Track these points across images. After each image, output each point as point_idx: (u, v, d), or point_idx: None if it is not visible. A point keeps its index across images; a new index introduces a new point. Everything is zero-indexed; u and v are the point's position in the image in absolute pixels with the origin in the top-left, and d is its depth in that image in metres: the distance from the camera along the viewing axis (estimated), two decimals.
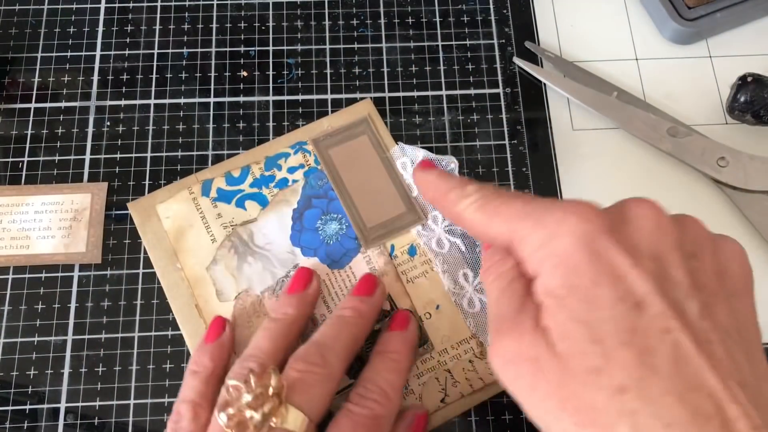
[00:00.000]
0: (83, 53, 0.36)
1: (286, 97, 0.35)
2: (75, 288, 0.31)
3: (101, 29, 0.36)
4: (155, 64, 0.36)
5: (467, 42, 0.37)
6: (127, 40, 0.36)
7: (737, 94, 0.33)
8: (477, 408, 0.30)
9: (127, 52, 0.36)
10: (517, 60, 0.36)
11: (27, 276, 0.32)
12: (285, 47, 0.36)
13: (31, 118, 0.34)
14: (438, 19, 0.37)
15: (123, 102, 0.35)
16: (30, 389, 0.30)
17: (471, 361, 0.30)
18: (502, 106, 0.35)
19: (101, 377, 0.30)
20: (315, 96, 0.35)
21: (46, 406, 0.29)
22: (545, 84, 0.35)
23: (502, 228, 0.22)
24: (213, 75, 0.36)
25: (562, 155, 0.34)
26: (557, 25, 0.37)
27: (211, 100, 0.35)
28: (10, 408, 0.29)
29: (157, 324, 0.31)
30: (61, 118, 0.34)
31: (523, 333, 0.20)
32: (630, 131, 0.34)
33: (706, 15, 0.35)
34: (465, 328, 0.30)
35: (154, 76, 0.35)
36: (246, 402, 0.23)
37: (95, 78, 0.35)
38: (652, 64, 0.36)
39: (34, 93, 0.35)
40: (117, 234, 0.32)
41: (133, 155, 0.34)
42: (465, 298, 0.30)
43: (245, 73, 0.36)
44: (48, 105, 0.35)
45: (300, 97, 0.35)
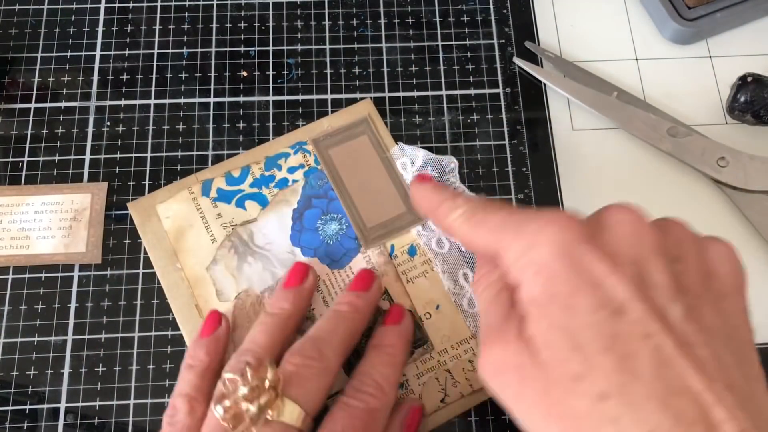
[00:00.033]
0: (83, 53, 0.36)
1: (286, 97, 0.35)
2: (75, 288, 0.31)
3: (101, 29, 0.36)
4: (155, 64, 0.36)
5: (467, 42, 0.37)
6: (127, 40, 0.36)
7: (737, 94, 0.33)
8: (477, 408, 0.30)
9: (127, 52, 0.36)
10: (517, 60, 0.36)
11: (27, 276, 0.32)
12: (285, 47, 0.36)
13: (31, 118, 0.34)
14: (438, 19, 0.37)
15: (123, 102, 0.35)
16: (30, 389, 0.30)
17: (471, 361, 0.30)
18: (502, 106, 0.35)
19: (101, 377, 0.30)
20: (315, 96, 0.35)
21: (46, 406, 0.29)
22: (545, 84, 0.35)
23: (487, 239, 0.23)
24: (213, 75, 0.36)
25: (562, 155, 0.34)
26: (557, 25, 0.37)
27: (211, 100, 0.35)
28: (10, 408, 0.29)
29: (157, 324, 0.31)
30: (61, 118, 0.34)
31: (509, 342, 0.20)
32: (630, 131, 0.34)
33: (706, 15, 0.35)
34: (465, 328, 0.30)
35: (154, 76, 0.35)
36: (242, 394, 0.23)
37: (95, 78, 0.35)
38: (652, 64, 0.36)
39: (34, 93, 0.35)
40: (117, 234, 0.32)
41: (133, 155, 0.34)
42: (465, 298, 0.30)
43: (245, 73, 0.36)
44: (48, 105, 0.35)
45: (300, 97, 0.35)
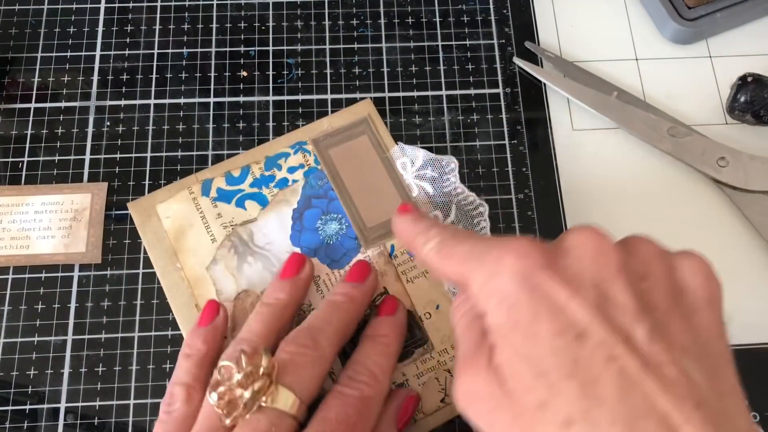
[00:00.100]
0: (83, 53, 0.36)
1: (286, 97, 0.35)
2: (75, 288, 0.31)
3: (101, 29, 0.36)
4: (155, 64, 0.36)
5: (467, 42, 0.37)
6: (127, 40, 0.36)
7: (737, 94, 0.33)
8: None
9: (127, 52, 0.36)
10: (517, 60, 0.36)
11: (27, 276, 0.32)
12: (285, 47, 0.36)
13: (31, 118, 0.34)
14: (438, 19, 0.37)
15: (123, 102, 0.35)
16: (30, 389, 0.30)
17: None
18: (502, 106, 0.35)
19: (101, 377, 0.30)
20: (315, 96, 0.35)
21: (46, 406, 0.29)
22: (545, 84, 0.35)
23: (455, 269, 0.23)
24: (213, 75, 0.36)
25: (562, 155, 0.34)
26: (557, 25, 0.37)
27: (211, 100, 0.35)
28: (10, 408, 0.29)
29: (157, 324, 0.31)
30: (61, 118, 0.34)
31: (479, 371, 0.20)
32: (630, 131, 0.34)
33: (706, 15, 0.35)
34: None
35: (154, 76, 0.35)
36: (236, 381, 0.23)
37: (95, 78, 0.35)
38: (652, 64, 0.36)
39: (34, 93, 0.35)
40: (117, 234, 0.32)
41: (133, 155, 0.34)
42: None
43: (245, 73, 0.36)
44: (48, 105, 0.35)
45: (300, 97, 0.35)
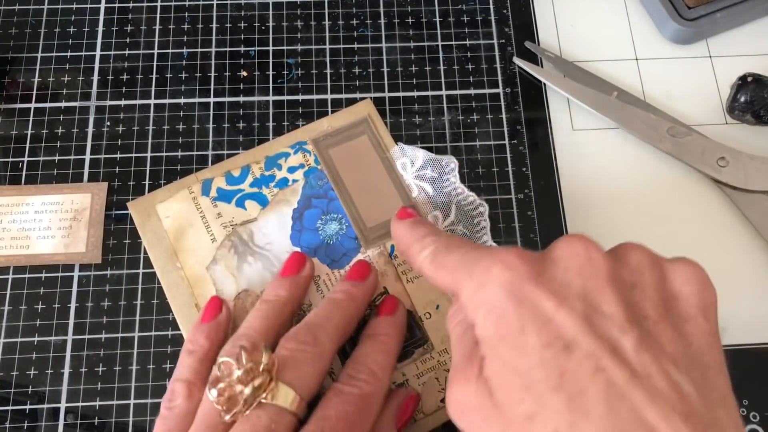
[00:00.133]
0: (83, 53, 0.36)
1: (286, 97, 0.35)
2: (75, 288, 0.31)
3: (101, 29, 0.36)
4: (155, 64, 0.36)
5: (467, 42, 0.37)
6: (127, 40, 0.36)
7: (737, 94, 0.33)
8: None
9: (127, 52, 0.36)
10: (517, 60, 0.36)
11: (27, 276, 0.32)
12: (285, 47, 0.36)
13: (31, 118, 0.34)
14: (438, 19, 0.37)
15: (123, 102, 0.35)
16: (30, 389, 0.30)
17: None
18: (502, 106, 0.35)
19: (101, 377, 0.30)
20: (315, 96, 0.35)
21: (46, 406, 0.29)
22: (545, 84, 0.35)
23: (446, 279, 0.23)
24: (213, 75, 0.36)
25: (562, 155, 0.34)
26: (557, 25, 0.37)
27: (211, 100, 0.35)
28: (10, 408, 0.29)
29: (157, 324, 0.31)
30: (61, 118, 0.34)
31: (469, 382, 0.20)
32: (630, 131, 0.34)
33: (706, 15, 0.35)
34: None
35: (154, 76, 0.35)
36: (236, 377, 0.23)
37: (95, 78, 0.35)
38: (652, 64, 0.36)
39: (34, 93, 0.35)
40: (117, 234, 0.32)
41: (133, 155, 0.34)
42: None
43: (245, 73, 0.36)
44: (48, 105, 0.35)
45: (300, 97, 0.35)
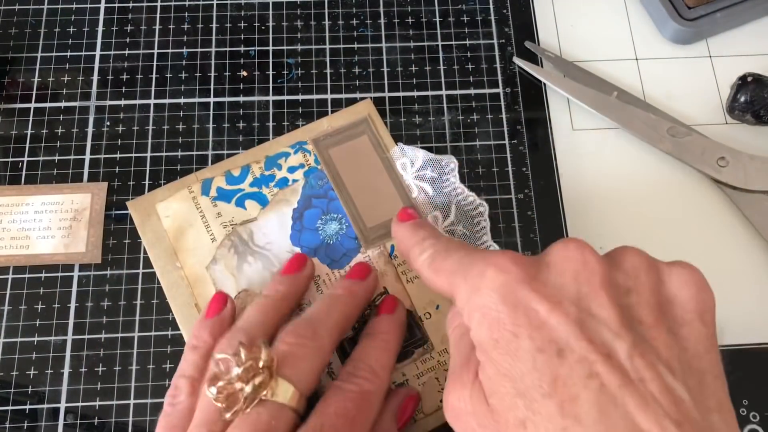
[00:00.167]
0: (83, 53, 0.36)
1: (286, 97, 0.35)
2: (75, 288, 0.31)
3: (101, 29, 0.36)
4: (155, 64, 0.36)
5: (467, 42, 0.37)
6: (127, 40, 0.36)
7: (737, 94, 0.33)
8: None
9: (127, 52, 0.36)
10: (517, 60, 0.36)
11: (27, 276, 0.32)
12: (285, 47, 0.36)
13: (31, 118, 0.34)
14: (438, 19, 0.37)
15: (123, 102, 0.35)
16: (30, 389, 0.30)
17: None
18: (502, 106, 0.35)
19: (101, 377, 0.30)
20: (315, 96, 0.35)
21: (46, 406, 0.29)
22: (545, 84, 0.35)
23: (444, 283, 0.23)
24: (213, 75, 0.36)
25: (562, 155, 0.34)
26: (557, 25, 0.37)
27: (211, 100, 0.35)
28: (10, 408, 0.29)
29: (157, 324, 0.31)
30: (61, 118, 0.34)
31: (464, 387, 0.20)
32: (630, 131, 0.34)
33: (706, 15, 0.35)
34: None
35: (154, 76, 0.35)
36: (236, 374, 0.23)
37: (95, 78, 0.35)
38: (652, 64, 0.36)
39: (34, 93, 0.35)
40: (117, 234, 0.32)
41: (133, 155, 0.34)
42: None
43: (245, 73, 0.36)
44: (48, 105, 0.35)
45: (300, 97, 0.35)
